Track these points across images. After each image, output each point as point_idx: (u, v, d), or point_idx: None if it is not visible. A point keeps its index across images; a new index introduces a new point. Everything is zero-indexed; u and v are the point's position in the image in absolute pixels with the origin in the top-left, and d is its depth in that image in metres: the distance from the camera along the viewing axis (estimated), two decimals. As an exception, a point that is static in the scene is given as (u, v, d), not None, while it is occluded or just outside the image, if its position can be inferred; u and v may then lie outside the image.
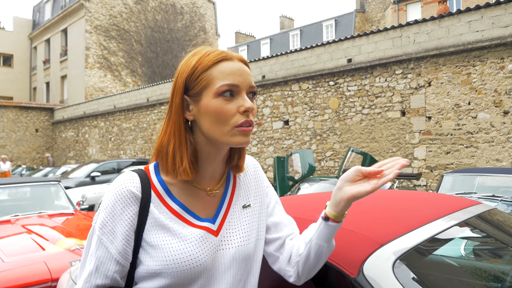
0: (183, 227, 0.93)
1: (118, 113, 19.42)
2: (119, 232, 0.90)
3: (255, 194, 1.08)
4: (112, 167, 13.14)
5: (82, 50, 25.75)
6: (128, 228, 0.90)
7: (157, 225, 0.92)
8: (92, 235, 0.94)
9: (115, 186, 0.92)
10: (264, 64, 12.87)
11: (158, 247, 0.90)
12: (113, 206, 0.90)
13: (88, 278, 0.90)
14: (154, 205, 0.93)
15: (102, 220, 0.91)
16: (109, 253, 0.90)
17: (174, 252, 0.90)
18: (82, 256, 0.97)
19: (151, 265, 0.90)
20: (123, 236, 0.90)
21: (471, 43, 8.44)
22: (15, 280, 2.99)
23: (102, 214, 0.91)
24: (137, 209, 0.91)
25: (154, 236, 0.91)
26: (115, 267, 0.91)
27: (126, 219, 0.90)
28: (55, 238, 3.74)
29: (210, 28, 32.56)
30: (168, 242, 0.91)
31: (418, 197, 1.86)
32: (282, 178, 7.42)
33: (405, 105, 9.54)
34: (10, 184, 5.13)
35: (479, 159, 8.37)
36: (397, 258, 1.12)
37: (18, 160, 23.49)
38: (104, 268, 0.90)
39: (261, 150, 12.81)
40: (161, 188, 0.95)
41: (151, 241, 0.91)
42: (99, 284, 0.90)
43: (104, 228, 0.90)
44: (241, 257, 0.99)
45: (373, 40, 10.19)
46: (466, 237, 1.66)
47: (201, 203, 0.98)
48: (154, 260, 0.90)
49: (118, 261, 0.91)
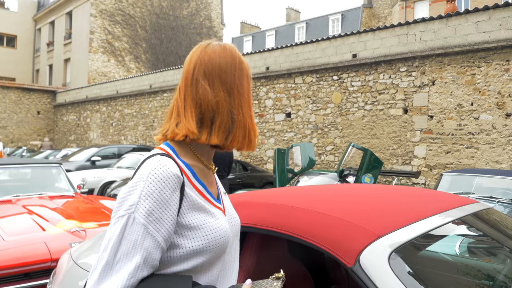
0: (210, 206, 0.98)
1: (120, 99, 19.41)
2: (167, 219, 0.87)
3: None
4: (113, 152, 13.17)
5: (86, 33, 25.65)
6: (175, 212, 0.89)
7: (194, 207, 0.94)
8: (127, 225, 0.86)
9: (158, 171, 0.88)
10: (269, 55, 12.84)
11: (199, 228, 0.93)
12: (160, 192, 0.87)
13: (134, 272, 0.83)
14: (187, 188, 0.94)
15: (148, 208, 0.85)
16: (156, 242, 0.86)
17: (214, 229, 0.95)
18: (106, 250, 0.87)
19: (191, 246, 0.91)
20: (171, 223, 0.89)
21: (477, 43, 8.42)
22: (16, 259, 3.03)
23: (147, 202, 0.86)
24: (179, 192, 0.91)
25: (193, 217, 0.93)
26: (159, 255, 0.88)
27: (174, 204, 0.89)
28: (56, 219, 3.78)
29: (216, 17, 32.40)
30: (207, 221, 0.95)
31: (416, 193, 1.89)
32: (282, 170, 7.45)
33: (408, 103, 9.54)
34: (12, 165, 5.16)
35: (478, 160, 8.39)
36: (393, 251, 1.14)
37: (19, 142, 23.53)
38: (152, 258, 0.86)
39: (262, 141, 12.83)
40: (188, 171, 0.97)
41: (191, 223, 0.92)
42: (144, 276, 0.85)
43: (151, 216, 0.86)
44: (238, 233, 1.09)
45: (379, 36, 10.16)
46: (462, 235, 1.68)
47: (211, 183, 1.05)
48: (194, 241, 0.92)
49: (163, 249, 0.89)
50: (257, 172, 11.04)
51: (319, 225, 1.31)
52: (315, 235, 1.27)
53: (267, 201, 1.62)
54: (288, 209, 1.49)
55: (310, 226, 1.32)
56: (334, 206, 1.50)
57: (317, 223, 1.33)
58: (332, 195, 1.82)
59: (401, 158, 9.63)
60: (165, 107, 16.57)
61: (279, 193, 1.86)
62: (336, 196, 1.79)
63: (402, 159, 9.60)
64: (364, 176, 6.56)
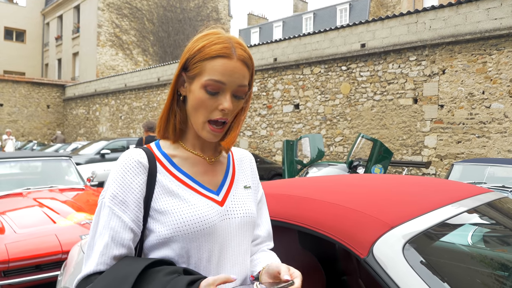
0: (190, 193, 0.98)
1: (128, 92, 19.47)
2: (130, 201, 0.93)
3: (252, 181, 1.14)
4: (122, 145, 13.24)
5: (94, 27, 25.71)
6: (139, 196, 0.94)
7: (165, 192, 0.96)
8: (101, 210, 0.95)
9: (122, 159, 0.97)
10: (276, 46, 12.75)
11: (169, 212, 0.94)
12: (122, 177, 0.94)
13: (104, 250, 0.90)
14: (160, 175, 0.98)
15: (112, 192, 0.93)
16: (122, 221, 0.92)
17: (185, 215, 0.93)
18: (89, 236, 0.97)
19: (162, 231, 0.93)
20: (135, 204, 0.93)
21: (489, 31, 8.27)
22: (27, 251, 3.06)
23: (112, 187, 0.94)
24: (145, 178, 0.96)
25: (164, 202, 0.95)
26: (129, 235, 0.92)
27: (137, 187, 0.94)
28: (66, 212, 3.80)
29: (223, 9, 32.25)
30: (178, 206, 0.95)
31: (428, 183, 1.85)
32: (291, 161, 7.43)
33: (418, 93, 9.43)
34: (23, 158, 5.20)
35: (490, 150, 8.29)
36: (406, 241, 1.12)
37: (29, 136, 23.76)
38: (119, 237, 0.91)
39: (271, 133, 12.80)
40: (165, 160, 1.01)
41: (161, 208, 0.94)
42: (116, 254, 0.91)
43: (115, 199, 0.93)
44: (246, 228, 1.04)
45: (388, 25, 10.03)
46: (476, 224, 1.65)
47: (204, 172, 1.03)
48: (165, 225, 0.93)
49: (132, 229, 0.93)
50: (265, 164, 11.03)
51: (330, 216, 1.29)
52: (327, 226, 1.25)
53: (277, 192, 1.60)
54: (299, 199, 1.47)
55: (322, 217, 1.30)
56: (345, 197, 1.48)
57: (329, 214, 1.30)
58: (342, 185, 1.79)
59: (411, 149, 9.54)
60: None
61: (289, 184, 1.84)
62: (346, 186, 1.77)
63: (412, 149, 9.52)
64: (374, 167, 6.52)
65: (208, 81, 0.94)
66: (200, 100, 0.95)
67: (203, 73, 0.95)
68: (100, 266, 0.90)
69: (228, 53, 0.95)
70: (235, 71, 0.95)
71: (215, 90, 0.94)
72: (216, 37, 0.97)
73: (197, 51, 0.96)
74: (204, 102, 0.95)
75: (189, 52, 0.98)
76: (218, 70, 0.94)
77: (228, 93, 0.95)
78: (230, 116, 0.98)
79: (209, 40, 0.97)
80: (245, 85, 0.98)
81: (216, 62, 0.94)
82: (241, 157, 1.16)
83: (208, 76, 0.94)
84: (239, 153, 1.16)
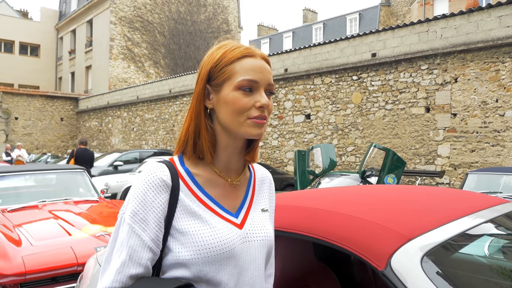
0: (211, 216, 0.96)
1: (140, 104, 19.66)
2: (151, 220, 0.91)
3: (269, 205, 1.13)
4: (134, 157, 13.35)
5: (106, 41, 26.12)
6: (160, 215, 0.92)
7: (187, 213, 0.95)
8: (120, 226, 0.93)
9: (145, 176, 0.94)
10: (287, 57, 12.80)
11: (189, 234, 0.92)
12: (144, 194, 0.92)
13: (120, 268, 0.89)
14: (183, 193, 0.96)
15: (133, 209, 0.91)
16: (142, 240, 0.90)
17: (206, 237, 0.92)
18: (107, 250, 0.95)
19: (182, 252, 0.91)
20: (156, 223, 0.92)
21: (501, 38, 8.21)
22: (43, 263, 3.09)
23: (133, 203, 0.92)
24: (167, 197, 0.94)
25: (185, 223, 0.94)
26: (148, 255, 0.91)
27: (158, 206, 0.92)
28: (81, 224, 3.84)
29: (233, 20, 32.54)
30: (199, 228, 0.93)
31: (443, 193, 1.83)
32: (303, 172, 7.40)
33: (430, 101, 9.37)
34: (38, 171, 5.27)
35: (505, 158, 8.17)
36: (424, 254, 1.11)
37: (43, 148, 24.08)
38: (138, 256, 0.90)
39: (282, 143, 12.79)
40: (188, 178, 0.99)
41: (182, 228, 0.93)
42: (132, 273, 0.89)
43: (136, 216, 0.91)
44: (264, 250, 1.03)
45: (399, 34, 10.01)
46: (495, 235, 1.63)
47: (225, 194, 1.02)
48: (185, 246, 0.92)
49: (151, 248, 0.91)
50: (277, 174, 11.01)
51: (346, 227, 1.28)
52: (343, 238, 1.24)
53: (291, 203, 1.60)
54: (313, 211, 1.46)
55: (337, 229, 1.29)
56: (359, 208, 1.47)
57: (344, 225, 1.30)
58: (356, 196, 1.78)
59: (424, 158, 9.45)
60: (185, 111, 16.71)
61: (303, 195, 1.84)
62: (360, 197, 1.76)
63: (425, 159, 9.42)
64: (386, 176, 6.46)
65: (242, 81, 0.94)
66: (236, 101, 0.94)
67: (234, 75, 0.95)
68: (115, 284, 0.89)
69: (252, 52, 0.98)
70: (264, 68, 0.97)
71: (250, 87, 0.95)
72: (232, 44, 0.99)
73: (219, 58, 0.97)
74: (241, 102, 0.94)
75: (211, 62, 0.98)
76: (249, 68, 0.95)
77: (262, 90, 0.97)
78: (267, 114, 0.98)
79: (228, 47, 0.98)
80: (272, 83, 1.00)
81: (244, 62, 0.96)
82: (262, 177, 1.15)
83: (241, 77, 0.95)
84: (261, 173, 1.15)
